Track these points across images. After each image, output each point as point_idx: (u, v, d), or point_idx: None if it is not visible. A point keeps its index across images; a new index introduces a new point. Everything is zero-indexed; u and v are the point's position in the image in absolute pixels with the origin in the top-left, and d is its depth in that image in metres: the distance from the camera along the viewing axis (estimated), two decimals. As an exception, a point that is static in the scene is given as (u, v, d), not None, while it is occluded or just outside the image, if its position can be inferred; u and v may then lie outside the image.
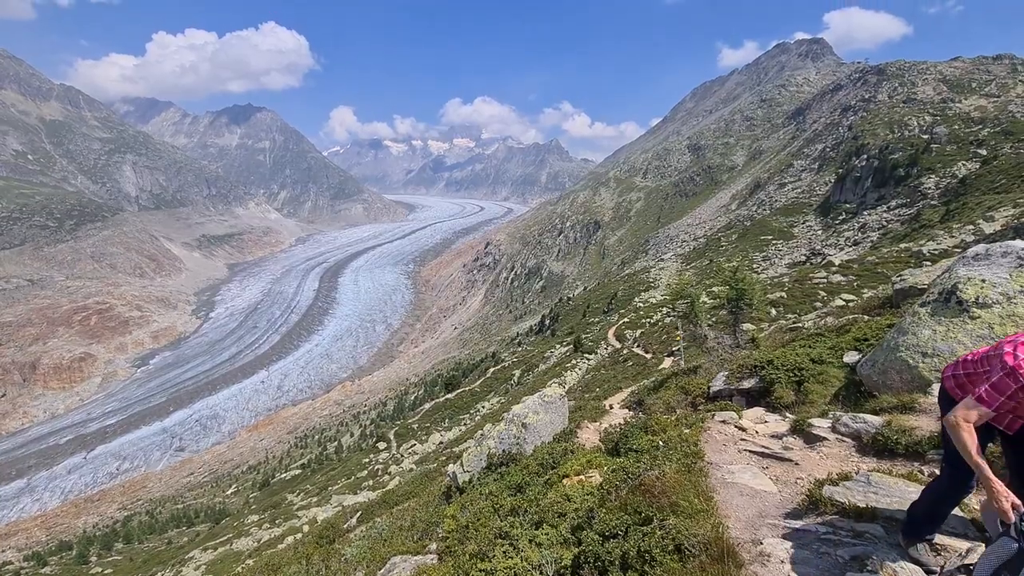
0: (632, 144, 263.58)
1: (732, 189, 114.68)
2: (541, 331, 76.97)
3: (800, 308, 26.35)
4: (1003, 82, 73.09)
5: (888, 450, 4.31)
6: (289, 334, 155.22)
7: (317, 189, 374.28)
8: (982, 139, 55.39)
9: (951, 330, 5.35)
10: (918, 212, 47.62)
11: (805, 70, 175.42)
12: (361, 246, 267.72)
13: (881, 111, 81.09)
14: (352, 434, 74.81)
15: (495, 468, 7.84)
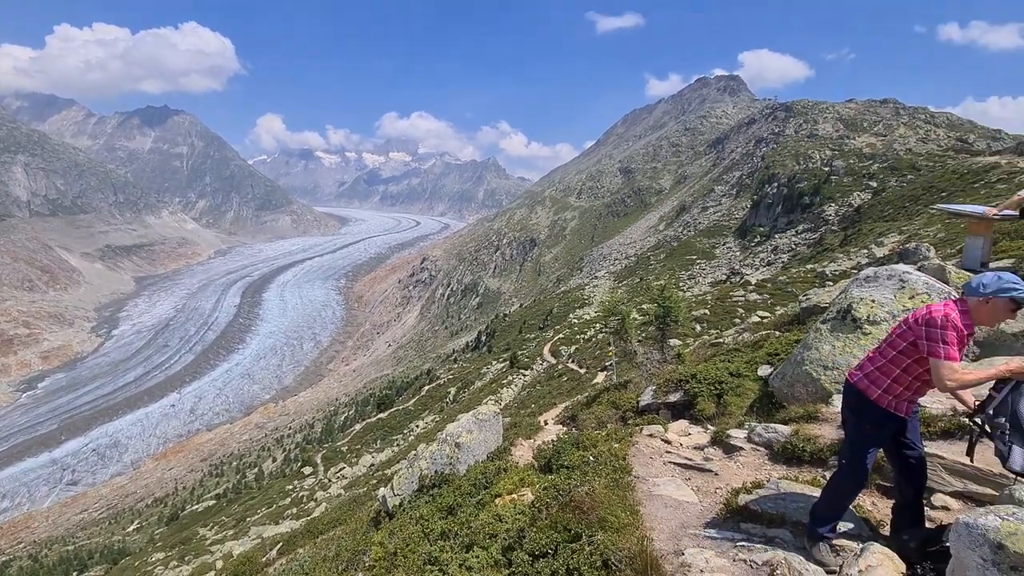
0: (567, 165, 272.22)
1: (660, 211, 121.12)
2: (477, 347, 76.68)
3: (721, 324, 28.04)
4: (888, 123, 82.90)
5: (796, 457, 4.63)
6: (205, 353, 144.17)
7: (240, 199, 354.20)
8: (873, 173, 62.29)
9: (847, 345, 5.90)
10: (821, 236, 52.44)
11: (723, 103, 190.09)
12: (289, 259, 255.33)
13: (789, 144, 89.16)
14: (275, 459, 70.25)
15: (427, 490, 7.62)
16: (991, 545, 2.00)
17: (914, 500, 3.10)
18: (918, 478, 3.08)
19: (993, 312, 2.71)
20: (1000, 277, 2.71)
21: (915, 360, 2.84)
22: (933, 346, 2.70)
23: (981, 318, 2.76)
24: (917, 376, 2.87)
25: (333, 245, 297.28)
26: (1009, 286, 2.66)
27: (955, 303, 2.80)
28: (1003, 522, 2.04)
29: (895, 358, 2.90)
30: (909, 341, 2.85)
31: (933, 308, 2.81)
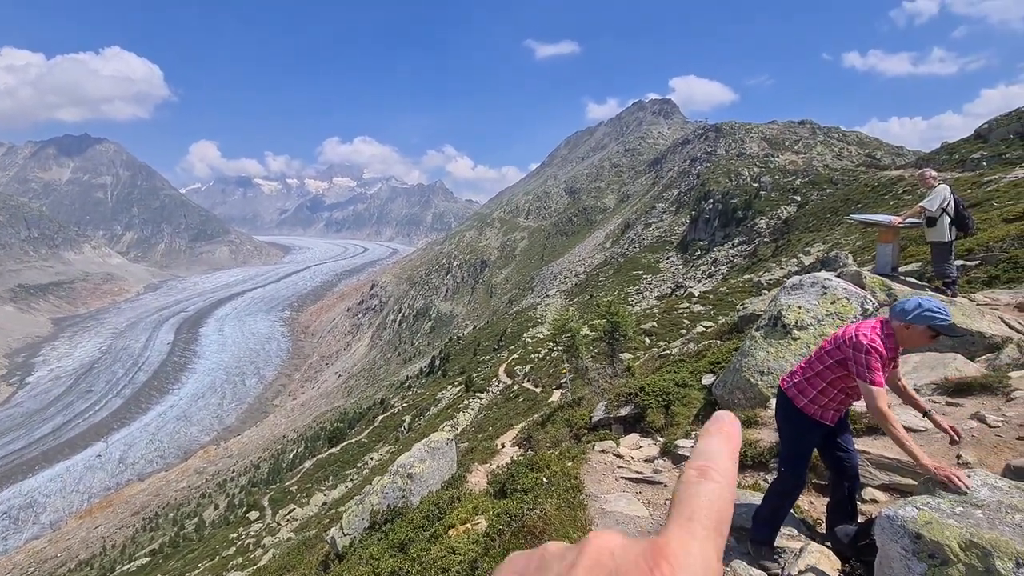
0: (514, 186, 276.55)
1: (606, 229, 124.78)
2: (432, 372, 75.29)
3: (669, 336, 28.94)
4: (807, 142, 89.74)
5: (739, 463, 4.77)
6: (136, 396, 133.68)
7: (173, 230, 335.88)
8: (797, 187, 67.00)
9: (780, 351, 6.20)
10: (755, 248, 55.59)
11: (659, 125, 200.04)
12: (228, 292, 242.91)
13: (721, 162, 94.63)
14: (217, 506, 65.51)
15: (379, 527, 7.30)
16: (910, 535, 2.11)
17: (847, 498, 3.25)
18: (851, 479, 3.21)
19: (912, 337, 2.79)
20: (921, 304, 2.75)
21: (841, 375, 2.93)
22: (860, 369, 2.80)
23: (903, 341, 2.84)
24: (842, 389, 2.98)
25: (276, 275, 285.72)
26: (927, 314, 2.71)
27: (881, 325, 2.89)
28: (919, 512, 2.16)
29: (822, 371, 3.00)
30: (837, 359, 2.93)
31: (860, 331, 2.87)
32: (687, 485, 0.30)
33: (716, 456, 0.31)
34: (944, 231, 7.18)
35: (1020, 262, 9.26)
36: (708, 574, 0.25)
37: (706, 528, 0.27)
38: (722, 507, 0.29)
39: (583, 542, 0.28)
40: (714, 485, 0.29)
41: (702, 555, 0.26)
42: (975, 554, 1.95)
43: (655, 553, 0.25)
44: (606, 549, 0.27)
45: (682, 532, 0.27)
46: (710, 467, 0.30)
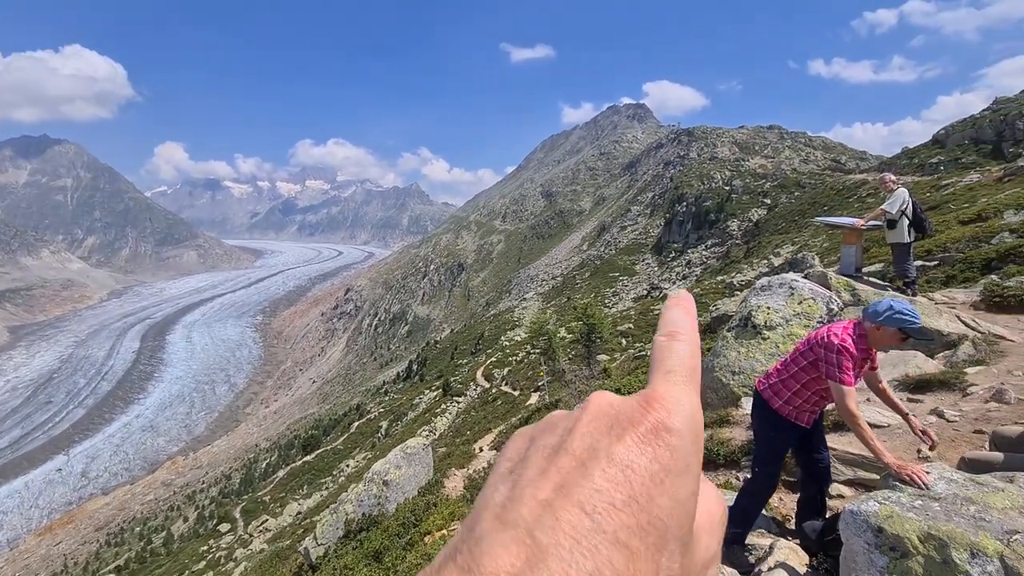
0: (490, 189, 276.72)
1: (582, 231, 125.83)
2: (409, 377, 74.58)
3: (645, 337, 29.30)
4: (776, 146, 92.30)
5: (711, 461, 4.85)
6: (99, 406, 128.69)
7: (138, 234, 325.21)
8: (767, 191, 68.81)
9: (750, 350, 6.34)
10: (728, 250, 56.82)
11: (633, 129, 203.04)
12: (196, 297, 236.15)
13: (693, 166, 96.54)
14: (186, 519, 63.44)
15: (354, 535, 7.16)
16: (872, 529, 2.17)
17: (817, 496, 3.32)
18: (823, 479, 3.28)
19: (883, 338, 2.85)
20: (892, 307, 2.81)
21: (815, 377, 2.99)
22: (830, 369, 2.86)
23: (874, 342, 2.90)
24: (816, 391, 3.03)
25: (247, 279, 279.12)
26: (898, 316, 2.77)
27: (854, 327, 2.94)
28: (881, 506, 2.22)
29: (797, 373, 3.05)
30: (810, 360, 2.99)
31: (832, 332, 2.92)
32: (661, 347, 0.33)
33: (680, 321, 0.35)
34: (903, 233, 7.45)
35: (975, 262, 9.69)
36: (694, 416, 0.29)
37: (684, 377, 0.31)
38: (693, 361, 0.32)
39: (586, 400, 0.31)
40: (683, 344, 0.33)
41: (686, 399, 0.29)
42: (933, 546, 2.01)
43: (648, 398, 0.29)
44: (606, 402, 0.30)
45: (665, 382, 0.30)
46: (677, 331, 0.34)
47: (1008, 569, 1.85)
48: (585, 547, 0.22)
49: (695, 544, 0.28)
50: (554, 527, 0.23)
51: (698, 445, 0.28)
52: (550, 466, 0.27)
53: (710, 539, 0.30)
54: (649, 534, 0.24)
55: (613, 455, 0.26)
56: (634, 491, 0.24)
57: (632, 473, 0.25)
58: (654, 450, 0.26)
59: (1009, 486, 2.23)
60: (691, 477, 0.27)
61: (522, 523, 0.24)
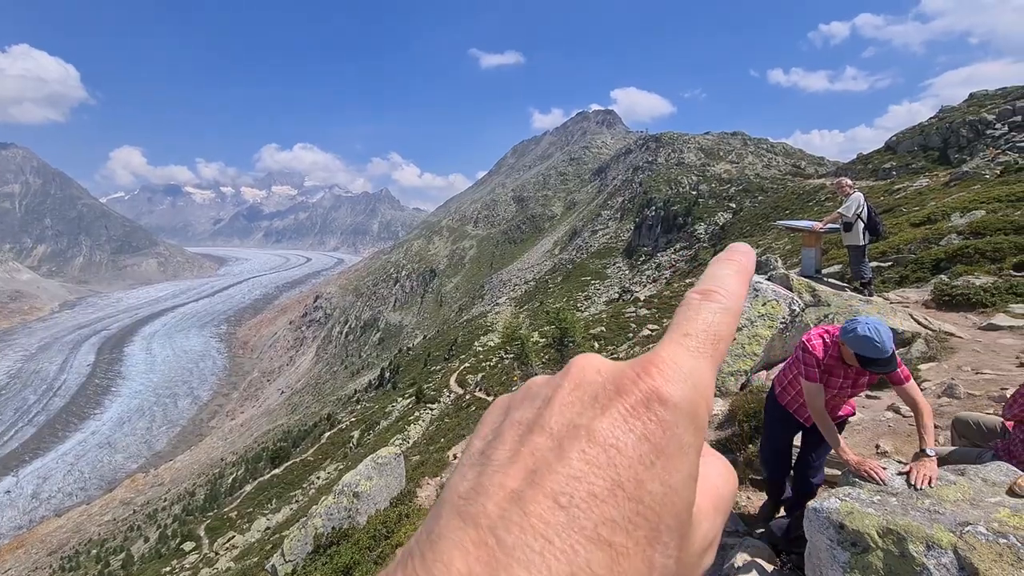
0: (462, 195, 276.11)
1: (554, 236, 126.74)
2: (381, 385, 73.45)
3: (617, 340, 29.64)
4: (740, 152, 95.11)
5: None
6: (51, 424, 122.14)
7: (92, 242, 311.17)
8: (731, 195, 70.78)
9: (718, 351, 6.48)
10: (696, 253, 58.14)
11: (602, 135, 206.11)
12: (156, 307, 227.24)
13: (661, 171, 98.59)
14: (147, 539, 60.64)
15: (323, 550, 6.96)
16: (834, 526, 2.22)
17: (794, 499, 3.40)
18: (808, 494, 3.33)
19: (847, 354, 2.90)
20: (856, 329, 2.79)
21: (797, 373, 3.16)
22: (799, 365, 3.03)
23: (844, 355, 2.96)
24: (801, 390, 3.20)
25: (211, 288, 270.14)
26: (854, 338, 2.77)
27: (831, 335, 3.03)
28: (842, 503, 2.28)
29: (790, 366, 3.27)
30: (795, 356, 3.19)
31: (809, 333, 3.08)
32: (687, 306, 0.28)
33: (723, 279, 0.29)
34: (858, 235, 7.74)
35: (925, 263, 10.16)
36: (698, 387, 0.24)
37: (701, 343, 0.26)
38: (723, 327, 0.27)
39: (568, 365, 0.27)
40: (716, 306, 0.28)
41: (693, 368, 0.25)
42: (892, 540, 2.07)
43: (645, 363, 0.25)
44: (591, 367, 0.26)
45: (675, 346, 0.26)
46: (714, 289, 0.28)
47: (961, 559, 1.91)
48: (558, 548, 0.19)
49: (694, 531, 0.24)
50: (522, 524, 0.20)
51: (698, 421, 0.24)
52: (522, 447, 0.23)
53: (711, 523, 0.26)
54: (638, 527, 0.20)
55: (595, 433, 0.22)
56: (619, 476, 0.21)
57: (617, 454, 0.21)
58: (644, 425, 0.22)
59: (960, 479, 2.31)
60: (687, 458, 0.23)
61: (484, 520, 0.20)
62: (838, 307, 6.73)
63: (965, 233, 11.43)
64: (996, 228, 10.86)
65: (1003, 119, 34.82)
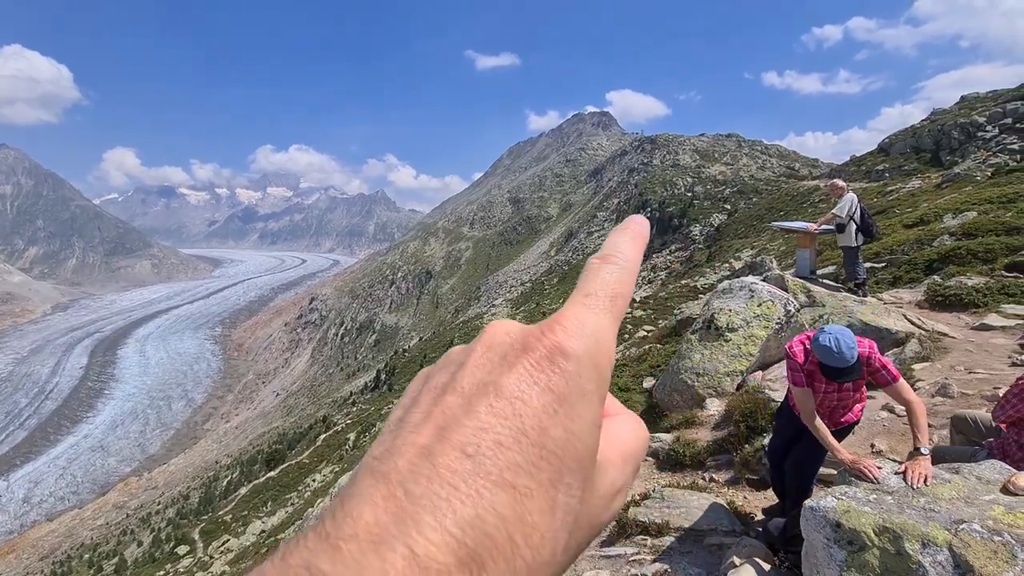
0: (458, 196, 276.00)
1: (550, 237, 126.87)
2: (377, 387, 73.27)
3: (611, 341, 29.66)
4: (734, 154, 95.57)
5: (679, 463, 4.93)
6: (42, 427, 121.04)
7: (85, 244, 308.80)
8: (726, 197, 71.11)
9: (714, 352, 6.49)
10: (691, 254, 58.33)
11: (598, 137, 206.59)
12: (150, 309, 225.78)
13: (656, 173, 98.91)
14: (141, 543, 60.14)
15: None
16: (831, 524, 2.23)
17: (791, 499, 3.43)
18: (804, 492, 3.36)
19: (815, 360, 2.98)
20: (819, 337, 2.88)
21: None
22: (786, 371, 3.10)
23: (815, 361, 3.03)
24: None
25: (205, 290, 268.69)
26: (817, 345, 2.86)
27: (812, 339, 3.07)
28: (838, 502, 2.30)
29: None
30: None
31: (792, 342, 3.11)
32: (588, 270, 0.30)
33: (620, 245, 0.31)
34: (851, 236, 7.79)
35: (918, 264, 10.23)
36: (599, 341, 0.26)
37: (602, 301, 0.28)
38: (619, 286, 0.29)
39: (482, 331, 0.29)
40: (614, 267, 0.30)
41: (595, 323, 0.27)
42: (888, 538, 2.09)
43: (550, 322, 0.26)
44: (502, 331, 0.28)
45: (578, 306, 0.28)
46: (612, 254, 0.31)
47: (956, 557, 1.93)
48: (464, 493, 0.20)
49: (600, 476, 0.26)
50: (430, 475, 0.21)
51: (600, 371, 0.26)
52: (435, 408, 0.25)
53: (618, 472, 0.28)
54: (541, 470, 0.22)
55: (502, 388, 0.24)
56: (524, 425, 0.22)
57: (523, 405, 0.23)
58: (548, 378, 0.24)
59: (955, 477, 2.33)
60: (590, 405, 0.25)
61: (395, 475, 0.21)
62: (833, 308, 6.77)
63: (957, 234, 11.52)
64: (988, 229, 10.95)
65: (994, 121, 35.15)
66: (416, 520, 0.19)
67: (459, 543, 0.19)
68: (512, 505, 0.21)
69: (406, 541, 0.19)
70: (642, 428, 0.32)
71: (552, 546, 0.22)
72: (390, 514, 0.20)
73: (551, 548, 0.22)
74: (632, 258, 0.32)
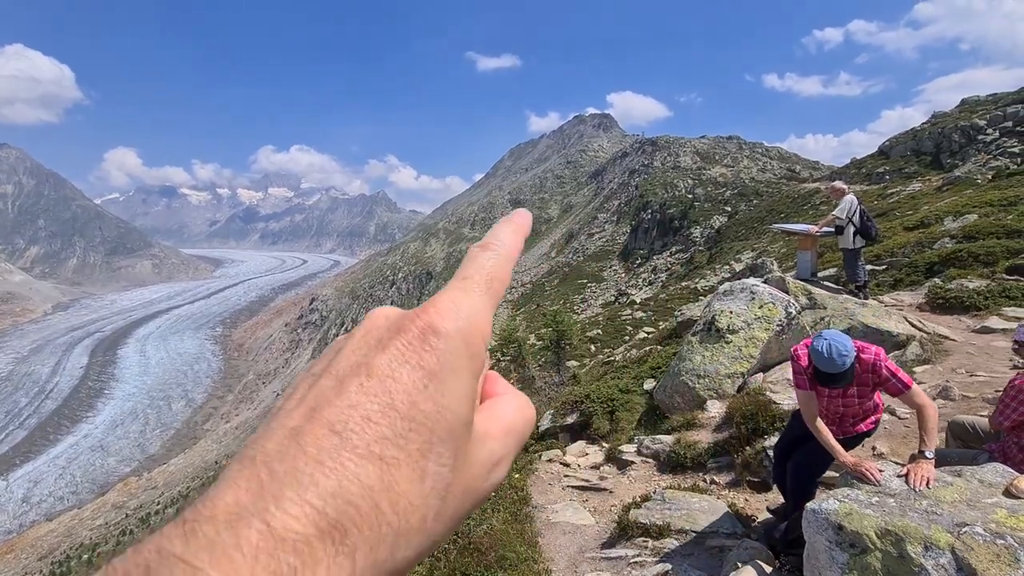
0: (459, 197, 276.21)
1: (551, 239, 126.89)
2: (377, 388, 73.18)
3: (613, 342, 29.65)
4: (735, 156, 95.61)
5: (680, 465, 4.92)
6: (42, 427, 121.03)
7: (86, 243, 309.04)
8: (727, 199, 71.11)
9: (715, 354, 6.49)
10: (691, 256, 58.31)
11: (599, 139, 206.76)
12: (151, 309, 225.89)
13: (657, 174, 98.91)
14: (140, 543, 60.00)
15: (319, 554, 6.92)
16: (833, 527, 2.23)
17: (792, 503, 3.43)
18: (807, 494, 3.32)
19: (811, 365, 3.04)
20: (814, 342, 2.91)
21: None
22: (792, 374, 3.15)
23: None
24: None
25: (206, 290, 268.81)
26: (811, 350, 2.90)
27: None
28: (840, 504, 2.29)
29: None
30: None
31: (797, 346, 3.16)
32: (467, 256, 0.32)
33: (499, 234, 0.33)
34: (849, 239, 7.79)
35: (919, 266, 10.23)
36: (472, 320, 0.27)
37: (478, 284, 0.29)
38: (496, 270, 0.31)
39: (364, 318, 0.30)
40: (491, 253, 0.31)
41: (469, 304, 0.28)
42: (890, 541, 2.08)
43: (426, 304, 0.28)
44: (381, 316, 0.29)
45: (453, 289, 0.29)
46: (491, 241, 0.33)
47: (959, 560, 1.92)
48: (329, 467, 0.21)
49: (476, 447, 0.27)
50: (295, 454, 0.22)
51: (473, 348, 0.27)
52: (309, 392, 0.26)
53: (499, 444, 0.29)
54: (411, 441, 0.23)
55: (373, 367, 0.25)
56: (393, 400, 0.23)
57: (393, 383, 0.24)
58: (419, 356, 0.25)
59: (957, 480, 2.33)
60: (461, 381, 0.26)
61: (261, 457, 0.22)
62: (834, 310, 6.77)
63: (958, 237, 11.52)
64: (988, 232, 10.95)
65: (994, 124, 35.19)
66: (276, 496, 0.20)
67: (320, 513, 0.20)
68: (379, 475, 0.21)
69: (263, 517, 0.19)
70: (527, 406, 0.33)
71: (422, 512, 0.23)
72: (251, 493, 0.20)
73: (420, 514, 0.23)
74: (510, 245, 0.33)
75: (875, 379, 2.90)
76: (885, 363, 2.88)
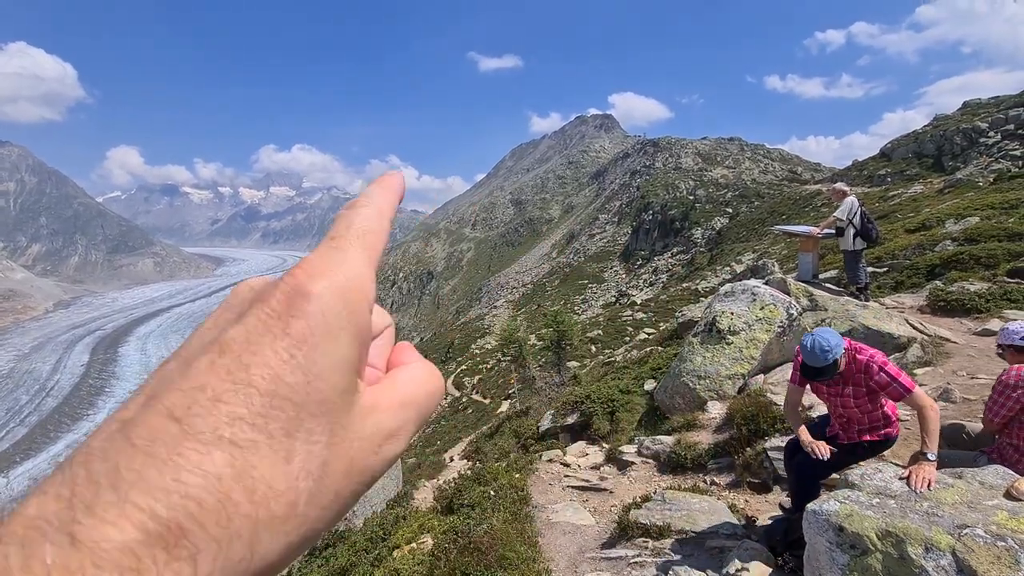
0: (460, 197, 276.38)
1: (552, 239, 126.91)
2: (377, 387, 73.19)
3: (614, 343, 29.68)
4: (736, 157, 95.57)
5: (680, 465, 4.92)
6: (43, 424, 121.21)
7: (88, 241, 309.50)
8: (728, 200, 71.05)
9: (715, 355, 6.49)
10: (692, 257, 58.29)
11: (600, 139, 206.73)
12: (152, 307, 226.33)
13: (659, 176, 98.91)
14: (140, 541, 60.12)
15: (319, 553, 6.93)
16: (833, 528, 2.23)
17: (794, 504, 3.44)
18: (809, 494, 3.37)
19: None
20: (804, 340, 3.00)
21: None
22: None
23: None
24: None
25: (207, 288, 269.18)
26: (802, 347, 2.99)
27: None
28: (841, 505, 2.29)
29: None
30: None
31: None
32: (338, 217, 0.29)
33: (371, 193, 0.30)
34: (849, 241, 7.78)
35: (920, 269, 10.22)
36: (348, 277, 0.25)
37: (348, 240, 0.27)
38: (368, 223, 0.28)
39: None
40: (360, 208, 0.29)
41: (341, 261, 0.25)
42: (890, 542, 2.08)
43: (293, 267, 0.25)
44: (245, 287, 0.27)
45: (321, 249, 0.27)
46: (359, 200, 0.30)
47: (960, 562, 1.92)
48: (162, 459, 0.18)
49: (362, 419, 0.24)
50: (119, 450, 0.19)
51: (352, 308, 0.24)
52: (152, 378, 0.23)
53: (390, 416, 0.26)
54: (272, 419, 0.20)
55: (227, 342, 0.22)
56: (249, 375, 0.20)
57: (251, 356, 0.21)
58: (284, 323, 0.22)
59: (958, 482, 2.33)
60: (338, 344, 0.23)
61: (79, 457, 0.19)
62: (835, 312, 6.76)
63: (959, 239, 11.51)
64: (990, 234, 10.94)
65: (996, 127, 35.15)
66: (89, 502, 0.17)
67: (148, 514, 0.17)
68: (229, 461, 0.19)
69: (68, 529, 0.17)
70: (432, 376, 0.29)
71: (289, 498, 0.20)
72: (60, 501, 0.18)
73: (287, 500, 0.20)
74: (382, 200, 0.30)
75: (868, 380, 2.90)
76: (884, 367, 2.87)
